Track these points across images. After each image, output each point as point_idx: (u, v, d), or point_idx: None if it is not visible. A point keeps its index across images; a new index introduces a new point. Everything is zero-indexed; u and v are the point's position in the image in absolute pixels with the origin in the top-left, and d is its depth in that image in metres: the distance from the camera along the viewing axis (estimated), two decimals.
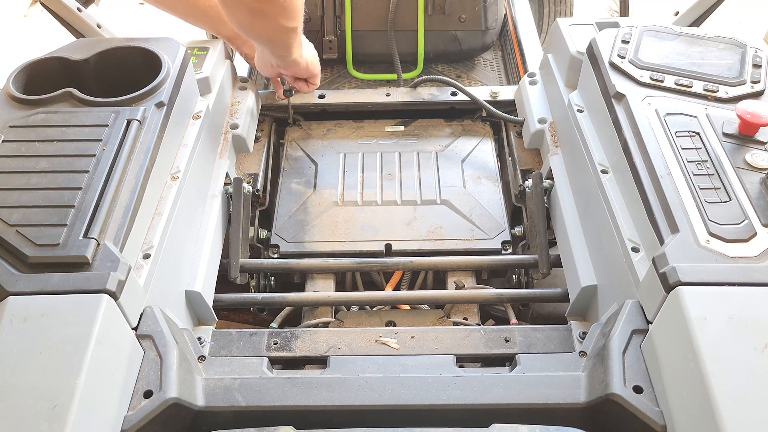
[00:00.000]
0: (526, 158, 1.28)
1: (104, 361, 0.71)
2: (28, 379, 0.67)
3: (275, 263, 1.14)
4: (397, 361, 0.86)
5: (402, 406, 0.78)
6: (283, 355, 0.90)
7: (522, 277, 1.17)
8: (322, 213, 1.22)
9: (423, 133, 1.41)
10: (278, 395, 0.78)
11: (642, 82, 1.03)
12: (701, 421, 0.64)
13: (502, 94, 1.41)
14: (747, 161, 0.88)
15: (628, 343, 0.78)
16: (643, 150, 0.91)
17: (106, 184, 0.86)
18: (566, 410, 0.77)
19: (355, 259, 1.14)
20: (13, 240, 0.78)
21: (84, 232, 0.80)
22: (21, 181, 0.86)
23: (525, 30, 1.70)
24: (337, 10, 1.63)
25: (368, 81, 1.69)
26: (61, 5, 1.42)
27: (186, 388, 0.77)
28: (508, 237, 1.18)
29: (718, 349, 0.67)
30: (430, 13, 1.62)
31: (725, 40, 1.10)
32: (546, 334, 0.91)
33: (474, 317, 1.06)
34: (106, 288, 0.75)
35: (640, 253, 0.86)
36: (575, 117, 1.10)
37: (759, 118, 0.90)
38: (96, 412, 0.68)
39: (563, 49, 1.24)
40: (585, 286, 0.97)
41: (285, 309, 1.10)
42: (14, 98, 1.00)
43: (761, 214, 0.81)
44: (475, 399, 0.78)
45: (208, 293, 1.01)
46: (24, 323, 0.72)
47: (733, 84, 1.02)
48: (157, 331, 0.81)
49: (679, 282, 0.74)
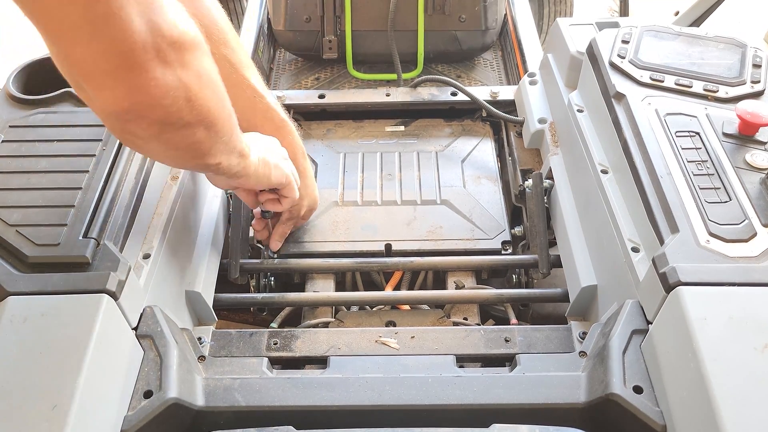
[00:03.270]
0: (526, 158, 1.28)
1: (104, 361, 0.71)
2: (28, 379, 0.67)
3: (275, 263, 1.14)
4: (397, 361, 0.86)
5: (402, 406, 0.78)
6: (283, 355, 0.90)
7: (522, 277, 1.17)
8: (322, 213, 1.22)
9: (423, 133, 1.41)
10: (278, 395, 0.78)
11: (642, 82, 1.03)
12: (701, 421, 0.64)
13: (502, 94, 1.41)
14: (747, 161, 0.88)
15: (628, 343, 0.78)
16: (643, 150, 0.91)
17: (106, 184, 0.86)
18: (566, 410, 0.77)
19: (355, 259, 1.14)
20: (13, 240, 0.78)
21: (84, 232, 0.80)
22: (21, 181, 0.86)
23: (525, 30, 1.69)
24: (337, 10, 1.63)
25: (368, 81, 1.69)
26: None
27: (186, 388, 0.77)
28: (508, 237, 1.17)
29: (718, 349, 0.67)
30: (430, 13, 1.62)
31: (725, 40, 1.10)
32: (546, 334, 0.91)
33: (474, 317, 1.06)
34: (106, 288, 0.75)
35: (640, 253, 0.86)
36: (575, 117, 1.10)
37: (759, 118, 0.90)
38: (96, 412, 0.68)
39: (563, 49, 1.24)
40: (585, 286, 0.97)
41: (285, 309, 1.10)
42: (14, 98, 1.00)
43: (761, 214, 0.81)
44: (475, 399, 0.78)
45: (208, 293, 1.01)
46: (24, 323, 0.72)
47: (733, 84, 1.02)
48: (157, 331, 0.81)
49: (679, 282, 0.74)
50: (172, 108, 0.62)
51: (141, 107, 0.61)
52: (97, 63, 0.57)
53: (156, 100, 0.60)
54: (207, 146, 0.72)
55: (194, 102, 0.64)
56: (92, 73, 0.58)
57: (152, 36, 0.57)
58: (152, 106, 0.61)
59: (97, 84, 0.59)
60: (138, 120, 0.62)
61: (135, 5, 0.55)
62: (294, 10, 1.63)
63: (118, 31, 0.55)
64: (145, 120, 0.62)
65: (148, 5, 0.56)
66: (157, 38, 0.57)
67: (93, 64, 0.57)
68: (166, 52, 0.58)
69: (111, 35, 0.55)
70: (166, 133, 0.65)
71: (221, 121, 0.70)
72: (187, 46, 0.61)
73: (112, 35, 0.55)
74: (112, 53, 0.56)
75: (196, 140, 0.69)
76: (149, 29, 0.56)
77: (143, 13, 0.56)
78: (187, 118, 0.65)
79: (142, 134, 0.65)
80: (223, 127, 0.71)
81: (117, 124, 0.64)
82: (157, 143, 0.68)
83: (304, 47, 1.68)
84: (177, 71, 0.60)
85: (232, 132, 0.75)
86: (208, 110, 0.66)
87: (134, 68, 0.57)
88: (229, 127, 0.74)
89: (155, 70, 0.58)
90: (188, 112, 0.64)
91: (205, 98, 0.65)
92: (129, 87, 0.58)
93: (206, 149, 0.73)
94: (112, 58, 0.56)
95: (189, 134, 0.67)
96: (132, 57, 0.57)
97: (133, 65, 0.57)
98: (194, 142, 0.69)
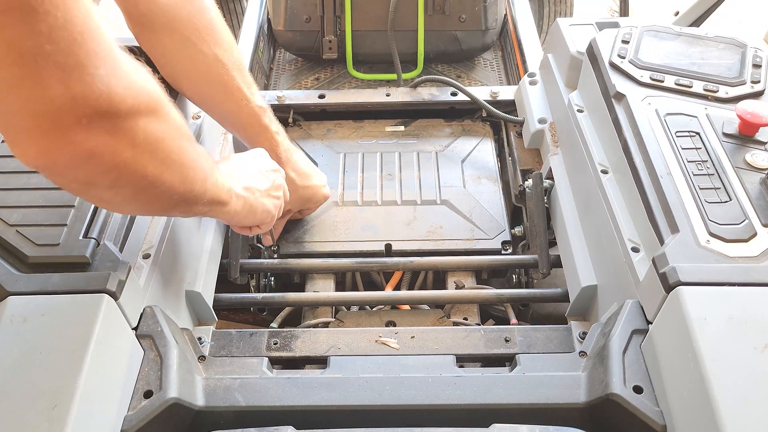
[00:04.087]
0: (526, 158, 1.28)
1: (104, 361, 0.71)
2: (28, 379, 0.67)
3: (275, 263, 1.14)
4: (397, 361, 0.86)
5: (402, 406, 0.78)
6: (283, 355, 0.90)
7: (522, 277, 1.17)
8: (322, 213, 1.22)
9: (423, 133, 1.41)
10: (278, 395, 0.78)
11: (642, 82, 1.03)
12: (701, 421, 0.64)
13: (502, 94, 1.41)
14: (747, 161, 0.88)
15: (628, 343, 0.78)
16: (643, 150, 0.91)
17: None
18: (566, 410, 0.77)
19: (355, 259, 1.14)
20: (13, 240, 0.78)
21: (84, 232, 0.80)
22: (21, 181, 0.86)
23: (525, 30, 1.69)
24: (337, 10, 1.63)
25: (368, 81, 1.69)
26: None
27: (186, 388, 0.77)
28: (508, 237, 1.17)
29: (718, 349, 0.67)
30: (430, 13, 1.62)
31: (725, 40, 1.10)
32: (546, 334, 0.91)
33: (474, 317, 1.06)
34: (106, 288, 0.75)
35: (640, 253, 0.86)
36: (575, 117, 1.10)
37: (759, 118, 0.90)
38: (96, 412, 0.68)
39: (563, 49, 1.24)
40: (585, 286, 0.97)
41: (285, 309, 1.10)
42: None
43: (761, 214, 0.81)
44: (475, 399, 0.78)
45: (208, 293, 1.01)
46: (24, 323, 0.72)
47: (733, 84, 1.02)
48: (157, 331, 0.81)
49: (679, 282, 0.74)
50: (95, 171, 0.60)
51: (58, 167, 0.59)
52: (12, 121, 0.55)
53: (75, 162, 0.58)
54: (147, 204, 0.71)
55: (123, 168, 0.61)
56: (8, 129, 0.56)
57: (73, 103, 0.54)
58: (71, 166, 0.58)
59: (12, 140, 0.57)
60: (57, 176, 0.61)
61: (57, 72, 0.52)
62: (294, 10, 1.63)
63: (34, 96, 0.53)
64: (64, 178, 0.61)
65: (73, 73, 0.53)
66: (80, 106, 0.55)
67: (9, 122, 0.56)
68: (91, 119, 0.56)
69: (26, 98, 0.53)
70: (92, 190, 0.64)
71: (166, 184, 0.67)
72: (121, 114, 0.58)
73: (27, 98, 0.53)
74: (26, 115, 0.54)
75: (130, 198, 0.67)
76: (71, 97, 0.54)
77: (65, 80, 0.53)
78: (116, 182, 0.63)
79: (66, 188, 0.65)
80: (170, 188, 0.68)
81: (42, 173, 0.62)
82: (86, 196, 0.70)
83: (304, 47, 1.68)
84: (102, 138, 0.58)
85: (191, 189, 0.72)
86: (143, 176, 0.64)
87: (50, 132, 0.55)
88: (182, 186, 0.70)
89: (75, 136, 0.56)
90: (116, 176, 0.62)
91: (140, 165, 0.62)
92: (42, 148, 0.56)
93: (147, 206, 0.72)
94: (27, 120, 0.54)
95: (121, 193, 0.65)
96: (49, 121, 0.54)
97: (48, 129, 0.55)
98: (128, 199, 0.67)
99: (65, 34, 0.52)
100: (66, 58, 0.53)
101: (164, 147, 0.65)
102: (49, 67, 0.52)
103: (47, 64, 0.52)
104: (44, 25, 0.50)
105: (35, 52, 0.51)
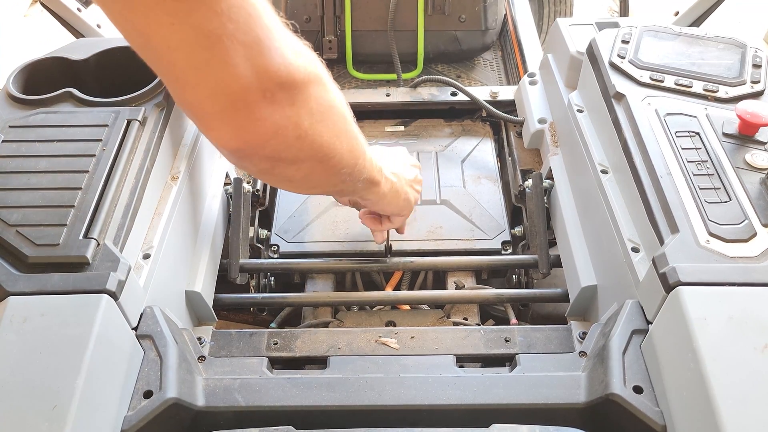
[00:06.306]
0: (526, 158, 1.28)
1: (104, 361, 0.71)
2: (28, 379, 0.67)
3: (275, 263, 1.14)
4: (397, 361, 0.86)
5: (402, 406, 0.78)
6: (283, 355, 0.90)
7: (522, 277, 1.17)
8: (322, 213, 1.22)
9: (423, 133, 1.41)
10: (278, 395, 0.78)
11: (642, 82, 1.03)
12: (701, 421, 0.64)
13: (502, 94, 1.41)
14: (747, 161, 0.88)
15: (628, 343, 0.78)
16: (643, 150, 0.91)
17: (106, 184, 0.86)
18: (566, 410, 0.77)
19: (355, 259, 1.14)
20: (13, 240, 0.78)
21: (84, 232, 0.80)
22: (21, 181, 0.86)
23: (525, 30, 1.70)
24: (337, 10, 1.63)
25: (368, 81, 1.69)
26: (61, 5, 1.42)
27: (186, 388, 0.77)
28: (508, 237, 1.18)
29: (718, 349, 0.67)
30: (430, 13, 1.62)
31: (725, 40, 1.10)
32: (546, 334, 0.91)
33: (474, 317, 1.06)
34: (106, 288, 0.75)
35: (640, 253, 0.86)
36: (575, 117, 1.10)
37: (759, 118, 0.90)
38: (96, 412, 0.68)
39: (563, 49, 1.24)
40: (585, 286, 0.97)
41: (285, 309, 1.10)
42: (14, 98, 0.99)
43: (761, 214, 0.81)
44: (475, 399, 0.78)
45: (208, 293, 1.01)
46: (24, 323, 0.71)
47: (733, 84, 1.02)
48: (157, 331, 0.81)
49: (679, 282, 0.74)
50: (281, 145, 0.63)
51: (250, 146, 0.62)
52: (204, 106, 0.59)
53: (264, 139, 0.62)
54: (323, 177, 0.74)
55: (305, 139, 0.64)
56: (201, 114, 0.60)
57: (258, 78, 0.57)
58: (260, 144, 0.62)
59: (207, 125, 0.61)
60: (249, 157, 0.64)
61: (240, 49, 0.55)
62: (294, 10, 1.63)
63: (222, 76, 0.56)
64: (256, 156, 0.64)
65: (254, 48, 0.56)
66: (264, 80, 0.58)
67: (201, 106, 0.59)
68: (274, 92, 0.59)
69: (215, 80, 0.56)
70: (277, 168, 0.67)
71: (337, 155, 0.70)
72: (298, 84, 0.61)
73: (216, 80, 0.56)
74: (217, 97, 0.57)
75: (309, 173, 0.70)
76: (255, 72, 0.57)
77: (249, 56, 0.56)
78: (298, 154, 0.66)
79: (255, 169, 0.69)
80: (340, 160, 0.72)
81: (232, 159, 0.68)
82: (271, 176, 0.72)
83: None
84: (286, 110, 0.61)
85: (355, 163, 0.76)
86: (320, 146, 0.67)
87: (240, 110, 0.58)
88: (350, 158, 0.74)
89: (262, 111, 0.59)
90: (299, 148, 0.65)
91: (317, 134, 0.66)
92: (236, 128, 0.60)
93: (323, 180, 0.75)
94: (218, 101, 0.57)
95: (302, 168, 0.69)
96: (238, 99, 0.57)
97: (238, 107, 0.58)
98: (308, 175, 0.71)
99: (242, 11, 0.54)
100: (246, 35, 0.55)
101: (332, 115, 0.68)
102: (234, 45, 0.54)
103: (232, 42, 0.54)
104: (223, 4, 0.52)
105: (219, 32, 0.53)
